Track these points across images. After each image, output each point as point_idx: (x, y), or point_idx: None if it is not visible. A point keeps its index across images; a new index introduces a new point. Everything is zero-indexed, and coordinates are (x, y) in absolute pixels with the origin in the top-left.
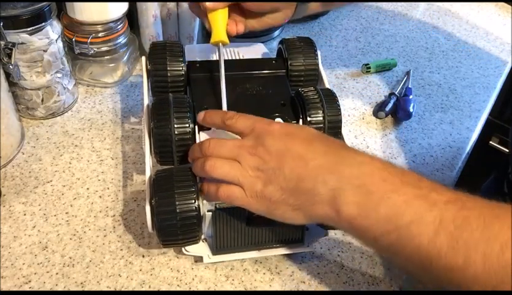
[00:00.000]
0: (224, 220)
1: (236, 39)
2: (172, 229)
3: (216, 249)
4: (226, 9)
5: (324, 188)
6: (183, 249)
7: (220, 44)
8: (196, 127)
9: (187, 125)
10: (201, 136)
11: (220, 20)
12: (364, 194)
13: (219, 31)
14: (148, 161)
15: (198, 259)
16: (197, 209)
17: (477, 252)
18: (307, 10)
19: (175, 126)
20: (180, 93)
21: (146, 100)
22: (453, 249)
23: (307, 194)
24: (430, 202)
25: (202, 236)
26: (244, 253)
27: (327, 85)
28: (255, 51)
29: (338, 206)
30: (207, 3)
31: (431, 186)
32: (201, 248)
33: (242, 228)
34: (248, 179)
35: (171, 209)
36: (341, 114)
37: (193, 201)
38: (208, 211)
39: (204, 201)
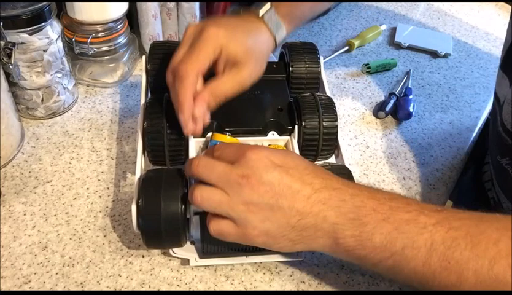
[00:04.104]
0: None
1: None
2: (156, 231)
3: (203, 253)
4: None
5: (325, 224)
6: (170, 250)
7: None
8: None
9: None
10: (192, 142)
11: None
12: (359, 226)
13: None
14: (140, 160)
15: (185, 262)
16: (183, 213)
17: (469, 270)
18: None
19: (168, 125)
20: None
21: (143, 99)
22: (446, 269)
23: (309, 229)
24: (419, 226)
25: (190, 239)
26: (231, 258)
27: (328, 92)
28: None
29: (337, 239)
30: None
31: (419, 209)
32: (188, 251)
33: None
34: (239, 213)
35: (156, 211)
36: (337, 121)
37: (179, 204)
38: (195, 214)
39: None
